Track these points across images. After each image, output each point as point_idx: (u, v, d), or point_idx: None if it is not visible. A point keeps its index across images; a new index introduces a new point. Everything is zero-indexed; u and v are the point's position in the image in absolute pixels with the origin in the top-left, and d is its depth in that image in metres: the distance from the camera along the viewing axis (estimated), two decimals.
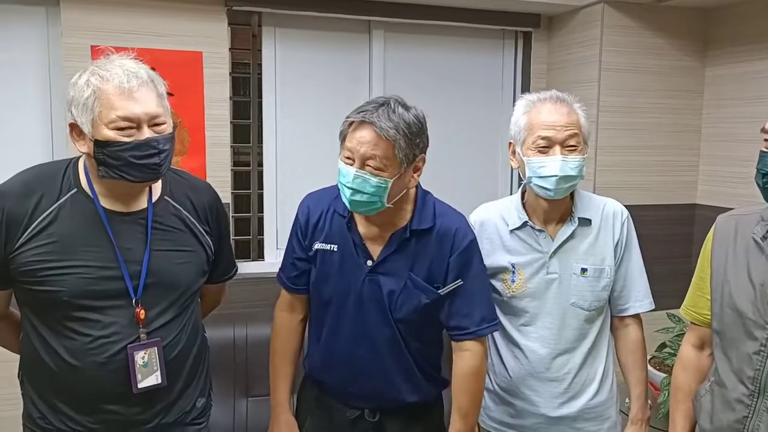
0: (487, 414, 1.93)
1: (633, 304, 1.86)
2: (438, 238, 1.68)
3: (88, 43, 2.53)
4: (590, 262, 1.81)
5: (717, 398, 1.54)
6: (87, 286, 1.44)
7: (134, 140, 1.40)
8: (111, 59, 1.44)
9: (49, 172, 1.51)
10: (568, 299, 1.80)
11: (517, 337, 1.85)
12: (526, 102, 1.81)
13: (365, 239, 1.69)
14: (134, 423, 1.52)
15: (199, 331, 1.66)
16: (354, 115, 1.58)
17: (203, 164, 2.74)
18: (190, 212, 1.60)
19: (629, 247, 1.85)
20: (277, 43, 2.94)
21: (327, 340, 1.74)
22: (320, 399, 1.80)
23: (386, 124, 1.55)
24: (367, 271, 1.68)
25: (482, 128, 3.30)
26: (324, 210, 1.74)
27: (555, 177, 1.71)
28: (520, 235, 1.84)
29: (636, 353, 1.87)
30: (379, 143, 1.55)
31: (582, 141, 1.77)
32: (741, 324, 1.47)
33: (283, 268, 1.82)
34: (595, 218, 1.83)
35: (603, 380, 1.86)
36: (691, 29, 3.06)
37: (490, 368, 1.92)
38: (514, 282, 1.83)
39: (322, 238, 1.72)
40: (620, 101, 2.96)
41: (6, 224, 1.43)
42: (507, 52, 3.32)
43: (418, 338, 1.72)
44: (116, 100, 1.38)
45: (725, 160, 3.01)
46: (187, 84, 2.66)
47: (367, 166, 1.57)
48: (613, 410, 1.88)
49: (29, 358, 1.53)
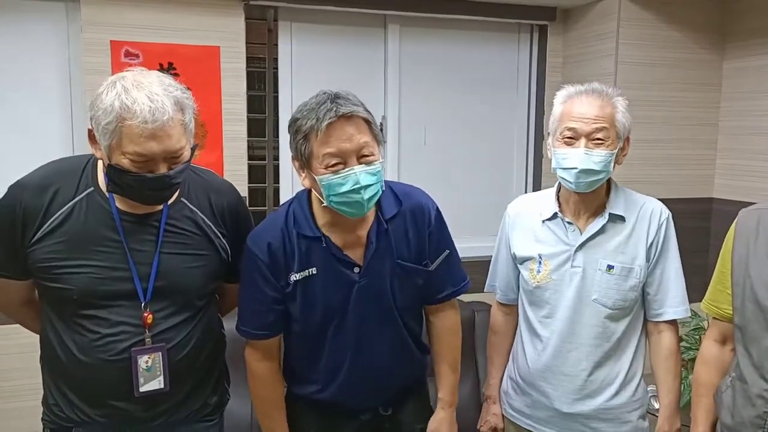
0: (509, 402, 1.94)
1: (667, 310, 1.80)
2: (411, 217, 1.66)
3: (107, 38, 2.55)
4: (618, 260, 1.76)
5: (738, 394, 1.53)
6: (96, 286, 1.45)
7: (148, 174, 1.39)
8: (140, 80, 1.38)
9: (69, 167, 1.52)
10: (590, 295, 1.77)
11: (538, 328, 1.84)
12: (566, 92, 1.79)
13: (344, 249, 1.61)
14: (141, 419, 1.53)
15: (213, 330, 1.65)
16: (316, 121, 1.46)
17: (220, 158, 2.76)
18: (207, 214, 1.58)
19: (666, 249, 1.80)
20: (294, 38, 2.95)
21: (329, 359, 1.66)
22: (326, 413, 1.73)
23: (356, 108, 1.49)
24: (357, 278, 1.61)
25: (498, 122, 3.30)
26: (284, 239, 1.60)
27: (576, 169, 1.70)
28: (550, 226, 1.83)
29: (669, 360, 1.81)
30: (362, 128, 1.50)
31: (614, 136, 1.72)
32: (763, 318, 1.46)
33: (248, 322, 1.65)
34: (630, 215, 1.79)
35: (626, 383, 1.81)
36: (709, 22, 3.03)
37: (514, 356, 1.94)
38: (539, 272, 1.82)
39: (296, 268, 1.60)
40: (637, 95, 2.94)
41: (23, 218, 1.45)
42: (522, 46, 3.31)
43: (412, 318, 1.73)
44: (137, 136, 1.34)
45: (742, 154, 2.99)
46: (204, 78, 2.68)
47: (363, 158, 1.50)
48: (635, 415, 1.83)
49: (46, 348, 1.56)
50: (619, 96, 1.76)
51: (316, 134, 1.47)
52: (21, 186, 1.48)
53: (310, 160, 1.51)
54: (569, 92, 1.78)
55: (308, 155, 1.50)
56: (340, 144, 1.47)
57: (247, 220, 1.72)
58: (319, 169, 1.50)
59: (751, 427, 1.49)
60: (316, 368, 1.68)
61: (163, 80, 1.41)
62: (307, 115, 1.49)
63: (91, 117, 1.39)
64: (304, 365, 1.71)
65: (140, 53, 2.60)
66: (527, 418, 1.89)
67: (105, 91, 1.37)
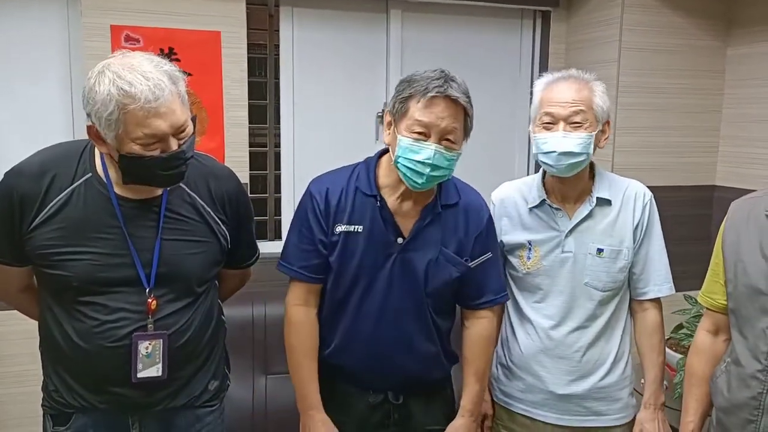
0: (500, 388, 1.95)
1: (652, 288, 1.85)
2: (464, 213, 1.72)
3: (108, 22, 2.55)
4: (607, 243, 1.80)
5: (733, 377, 1.56)
6: (96, 273, 1.44)
7: (161, 154, 1.38)
8: (129, 62, 1.35)
9: (67, 153, 1.50)
10: (582, 279, 1.81)
11: (530, 314, 1.86)
12: (544, 80, 1.82)
13: (395, 215, 1.67)
14: (141, 405, 1.53)
15: (213, 315, 1.64)
16: (423, 89, 1.55)
17: (222, 144, 2.75)
18: (206, 201, 1.57)
19: (650, 230, 1.84)
20: (295, 24, 2.93)
21: (350, 323, 1.69)
22: (336, 388, 1.75)
23: (462, 96, 1.57)
24: (398, 248, 1.67)
25: (500, 108, 3.29)
26: (343, 190, 1.68)
27: (554, 153, 1.73)
28: (538, 213, 1.85)
29: (653, 337, 1.87)
30: (458, 116, 1.58)
31: (592, 118, 1.74)
32: (756, 300, 1.49)
33: (293, 258, 1.70)
34: (615, 199, 1.82)
35: (616, 362, 1.85)
36: (712, 8, 3.01)
37: (503, 342, 1.95)
38: (529, 259, 1.84)
39: (345, 220, 1.67)
40: (640, 81, 2.93)
41: (20, 204, 1.44)
42: (525, 32, 3.29)
43: (440, 312, 1.74)
44: (143, 118, 1.33)
45: (745, 141, 2.98)
46: (205, 64, 2.67)
47: (445, 140, 1.58)
48: (625, 392, 1.88)
49: (45, 334, 1.55)
50: (596, 80, 1.79)
51: (417, 100, 1.56)
52: (17, 172, 1.46)
53: (400, 119, 1.59)
54: (547, 80, 1.80)
55: (402, 114, 1.59)
56: (433, 118, 1.55)
57: (248, 207, 1.70)
58: (404, 130, 1.58)
59: (747, 408, 1.51)
60: (336, 330, 1.71)
61: (150, 58, 1.38)
62: (418, 80, 1.57)
63: (89, 113, 1.35)
64: (325, 325, 1.73)
65: (141, 38, 2.59)
66: (521, 402, 1.90)
67: (96, 81, 1.33)
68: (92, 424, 1.54)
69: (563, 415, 1.85)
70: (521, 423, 1.90)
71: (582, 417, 1.85)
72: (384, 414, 1.74)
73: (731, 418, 1.56)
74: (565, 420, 1.85)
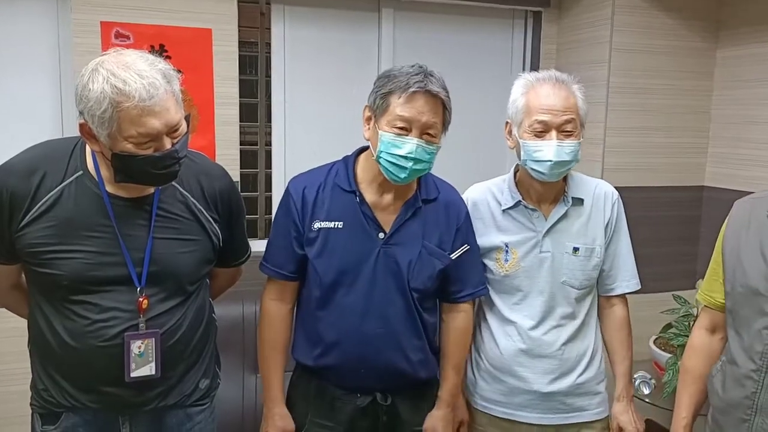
0: (479, 393, 1.93)
1: (620, 284, 1.90)
2: (444, 208, 1.75)
3: (97, 19, 2.52)
4: (582, 242, 1.84)
5: (728, 376, 1.57)
6: (87, 272, 1.44)
7: (155, 153, 1.37)
8: (123, 60, 1.34)
9: (57, 150, 1.49)
10: (560, 278, 1.83)
11: (509, 315, 1.87)
12: (525, 82, 1.81)
13: (375, 210, 1.69)
14: (132, 404, 1.53)
15: (204, 313, 1.64)
16: (404, 84, 1.58)
17: (212, 142, 2.74)
18: (198, 199, 1.57)
19: (618, 228, 1.89)
20: (286, 22, 2.92)
21: (334, 323, 1.70)
22: (321, 391, 1.76)
23: (441, 91, 1.60)
24: (380, 243, 1.67)
25: (491, 108, 3.28)
26: (320, 187, 1.71)
27: (550, 162, 1.73)
28: (513, 214, 1.86)
29: (622, 331, 1.92)
30: (438, 110, 1.62)
31: (579, 125, 1.77)
32: (753, 301, 1.49)
33: (270, 256, 1.76)
34: (587, 198, 1.86)
35: (592, 357, 1.89)
36: (703, 10, 3.02)
37: (480, 347, 1.94)
38: (507, 261, 1.85)
39: (323, 217, 1.69)
40: (630, 82, 2.94)
41: (9, 202, 1.43)
42: (517, 32, 3.30)
43: (426, 308, 1.75)
44: (137, 117, 1.32)
45: (734, 142, 2.99)
46: (196, 61, 2.66)
47: (426, 135, 1.61)
48: (601, 386, 1.93)
49: (35, 333, 1.54)
50: (576, 83, 1.80)
51: (398, 95, 1.59)
52: (6, 170, 1.45)
53: (381, 115, 1.62)
54: (530, 80, 1.80)
55: (382, 109, 1.61)
56: (414, 113, 1.59)
57: (239, 205, 1.70)
58: (385, 126, 1.60)
59: (741, 407, 1.52)
60: (323, 328, 1.71)
61: (144, 56, 1.38)
62: (398, 76, 1.60)
63: (81, 111, 1.35)
64: (310, 326, 1.74)
65: (131, 34, 2.57)
66: (501, 406, 1.89)
67: (90, 79, 1.32)
68: (82, 423, 1.53)
69: (546, 414, 1.87)
70: (502, 426, 1.90)
71: (564, 414, 1.88)
72: (373, 416, 1.74)
73: (726, 417, 1.57)
74: (547, 419, 1.87)
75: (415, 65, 1.62)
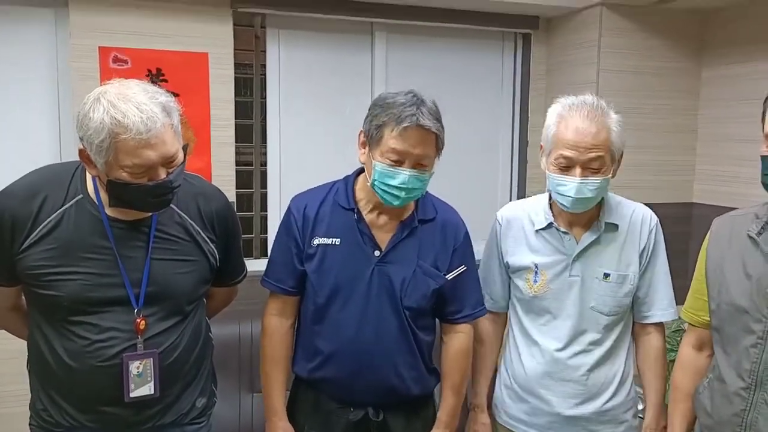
0: (505, 410, 1.92)
1: (656, 312, 1.83)
2: (442, 229, 1.76)
3: (95, 44, 2.57)
4: (614, 268, 1.78)
5: (716, 393, 1.55)
6: (86, 293, 1.45)
7: (148, 182, 1.39)
8: (125, 92, 1.37)
9: (58, 174, 1.51)
10: (588, 303, 1.78)
11: (536, 336, 1.84)
12: (560, 108, 1.73)
13: (372, 228, 1.71)
14: (130, 424, 1.53)
15: (201, 333, 1.65)
16: (397, 118, 1.58)
17: (209, 163, 2.77)
18: (195, 220, 1.59)
19: (655, 254, 1.82)
20: (281, 45, 2.98)
21: (329, 336, 1.71)
22: (318, 404, 1.77)
23: (433, 123, 1.61)
24: (376, 261, 1.70)
25: (483, 129, 3.34)
26: (321, 204, 1.73)
27: (571, 198, 1.69)
28: (545, 235, 1.82)
29: (657, 362, 1.85)
30: (430, 143, 1.63)
31: (609, 160, 1.70)
32: (739, 319, 1.49)
33: (271, 271, 1.78)
34: (622, 224, 1.80)
35: (621, 384, 1.83)
36: (688, 31, 3.10)
37: (508, 364, 1.92)
38: (536, 282, 1.82)
39: (322, 233, 1.71)
40: (618, 102, 2.92)
41: (11, 225, 1.45)
42: (507, 54, 3.36)
43: (420, 326, 1.75)
44: (132, 149, 1.34)
45: (720, 160, 3.06)
46: (193, 84, 2.70)
47: (419, 165, 1.63)
48: (629, 414, 1.86)
49: (34, 354, 1.55)
50: (612, 113, 1.73)
51: (391, 129, 1.60)
52: (8, 194, 1.47)
53: (375, 145, 1.64)
54: (564, 108, 1.72)
55: (376, 140, 1.63)
56: (406, 147, 1.60)
57: (236, 225, 1.72)
58: (378, 156, 1.63)
59: (730, 425, 1.50)
60: (318, 342, 1.73)
61: (146, 88, 1.40)
62: (392, 107, 1.61)
63: (81, 137, 1.37)
64: (307, 340, 1.77)
65: (129, 59, 2.62)
66: (525, 425, 1.87)
67: (91, 108, 1.35)
68: None
69: None
70: None
71: None
72: None
73: None
74: None
75: (408, 93, 1.63)
